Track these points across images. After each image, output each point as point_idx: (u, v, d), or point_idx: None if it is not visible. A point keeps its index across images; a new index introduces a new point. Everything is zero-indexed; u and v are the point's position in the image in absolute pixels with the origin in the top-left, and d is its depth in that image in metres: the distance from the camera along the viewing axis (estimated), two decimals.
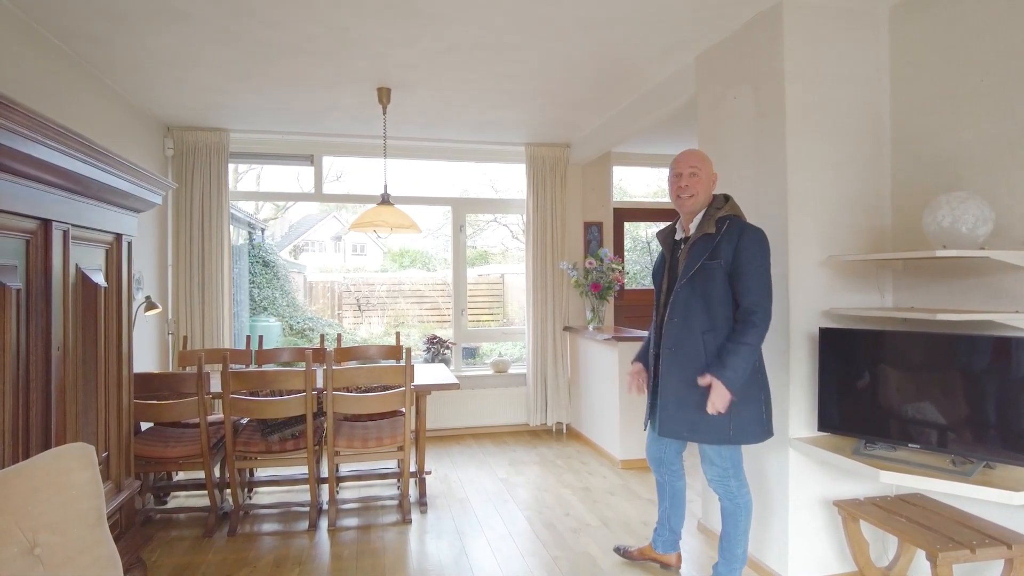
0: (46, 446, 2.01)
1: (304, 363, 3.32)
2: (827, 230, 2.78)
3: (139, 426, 3.57)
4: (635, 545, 3.10)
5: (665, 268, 2.69)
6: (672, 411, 2.53)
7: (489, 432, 5.53)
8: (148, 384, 3.28)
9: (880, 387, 2.48)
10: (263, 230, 9.85)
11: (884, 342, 2.51)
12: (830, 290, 2.78)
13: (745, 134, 3.03)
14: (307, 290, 10.03)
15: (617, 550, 3.09)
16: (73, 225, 2.22)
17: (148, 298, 3.93)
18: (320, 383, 3.45)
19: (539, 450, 4.97)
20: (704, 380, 2.39)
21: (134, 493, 2.77)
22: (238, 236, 8.50)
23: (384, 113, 3.97)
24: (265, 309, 8.93)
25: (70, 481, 1.50)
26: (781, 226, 2.77)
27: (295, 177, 11.78)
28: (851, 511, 2.49)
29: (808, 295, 2.75)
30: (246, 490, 3.86)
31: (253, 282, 8.81)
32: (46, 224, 2.04)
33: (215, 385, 3.45)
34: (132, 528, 2.77)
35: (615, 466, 4.54)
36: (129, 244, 2.80)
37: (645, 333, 4.71)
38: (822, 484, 2.75)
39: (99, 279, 2.48)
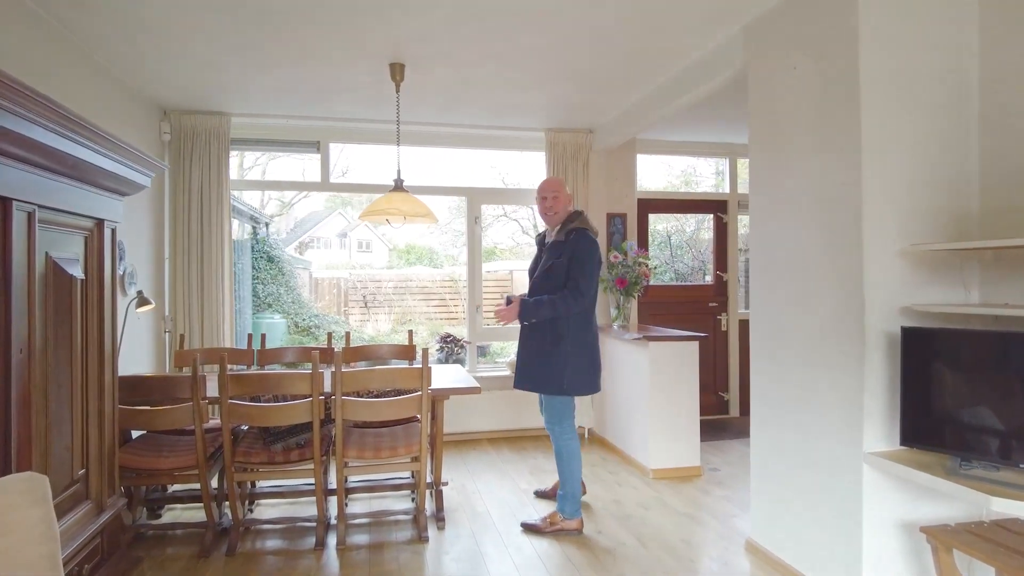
0: (5, 468, 1.69)
1: (310, 364, 3.00)
2: (906, 216, 2.43)
3: (129, 434, 3.25)
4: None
5: (536, 263, 3.43)
6: (522, 370, 3.30)
7: (507, 436, 5.20)
8: (137, 388, 2.96)
9: (980, 396, 2.14)
10: (267, 224, 9.56)
11: (985, 344, 2.17)
12: (908, 284, 2.43)
13: (806, 109, 2.69)
14: (313, 286, 9.82)
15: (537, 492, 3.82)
16: (40, 206, 1.89)
17: (140, 293, 3.61)
18: (328, 387, 3.12)
19: None
20: (514, 299, 3.21)
21: (119, 512, 2.46)
22: (242, 231, 8.23)
23: (397, 92, 3.63)
24: (270, 306, 8.67)
25: (13, 522, 1.17)
26: (853, 212, 2.43)
27: (300, 173, 11.48)
28: (944, 539, 2.15)
29: (884, 290, 2.41)
30: (247, 503, 3.54)
31: (257, 278, 8.56)
32: (3, 203, 1.71)
33: (212, 389, 3.13)
34: (117, 552, 2.46)
35: (645, 476, 4.21)
36: (113, 232, 2.48)
37: (678, 332, 4.38)
38: (901, 506, 2.40)
39: (75, 270, 2.16)
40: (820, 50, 2.60)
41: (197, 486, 3.11)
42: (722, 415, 5.89)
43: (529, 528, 3.32)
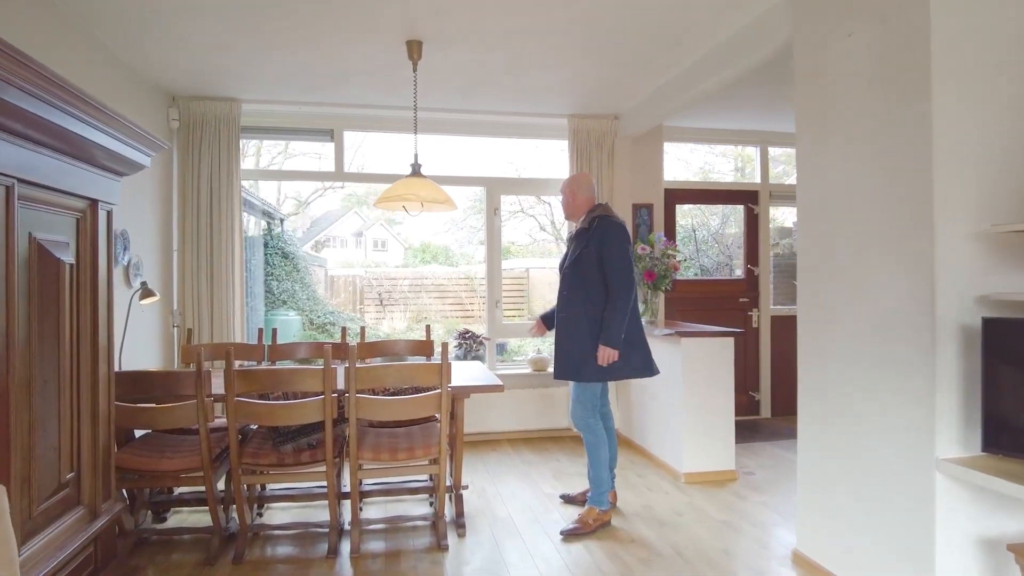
0: None
1: (323, 360, 2.80)
2: (983, 194, 2.17)
3: (131, 433, 3.07)
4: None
5: (564, 253, 3.42)
6: (564, 358, 3.23)
7: (527, 437, 4.98)
8: (139, 384, 2.77)
9: None
10: (282, 220, 9.44)
11: None
12: (985, 271, 2.17)
13: (864, 80, 2.43)
14: (328, 284, 9.73)
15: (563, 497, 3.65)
16: (21, 180, 1.70)
17: (144, 284, 3.44)
18: (341, 384, 2.92)
19: (585, 459, 4.39)
20: (602, 354, 3.09)
21: (116, 518, 2.27)
22: (256, 226, 8.11)
23: (414, 71, 3.42)
24: (284, 303, 8.55)
25: None
26: (922, 191, 2.17)
27: (317, 168, 11.33)
28: None
29: (958, 277, 2.15)
30: (255, 507, 3.35)
31: (272, 274, 8.46)
32: None
33: (219, 385, 2.93)
34: (114, 560, 2.27)
35: (677, 480, 3.96)
36: (109, 215, 2.29)
37: (713, 328, 4.13)
38: (981, 519, 2.14)
39: (65, 255, 1.97)
40: (881, 13, 2.34)
41: (204, 488, 2.92)
42: (753, 415, 5.62)
43: (572, 534, 3.13)
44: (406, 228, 15.53)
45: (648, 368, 3.27)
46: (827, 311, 2.68)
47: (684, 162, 8.08)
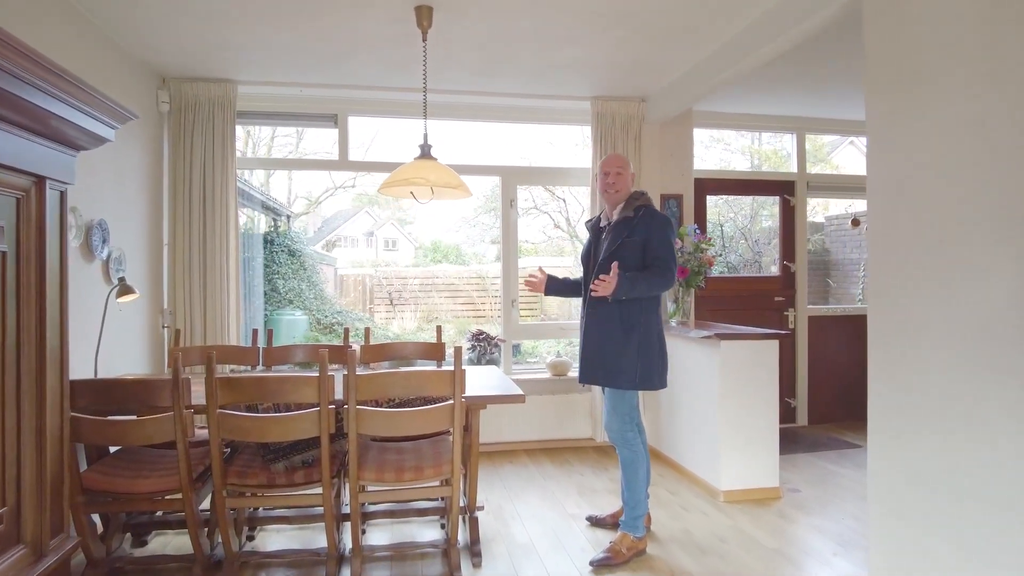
0: None
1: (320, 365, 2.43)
2: None
3: (106, 448, 2.72)
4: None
5: (591, 250, 3.05)
6: (591, 360, 2.93)
7: (547, 448, 4.59)
8: (109, 394, 2.41)
9: None
10: (289, 217, 9.15)
11: None
12: None
13: (960, 34, 2.03)
14: (338, 283, 9.47)
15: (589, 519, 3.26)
16: None
17: (122, 280, 3.09)
18: (340, 393, 2.55)
19: (612, 474, 4.01)
20: (612, 271, 2.72)
21: (67, 556, 1.91)
22: (257, 222, 7.82)
23: (424, 41, 3.05)
24: (291, 302, 8.27)
25: None
26: None
27: (327, 171, 11.01)
28: None
29: None
30: (245, 529, 2.99)
31: (278, 272, 8.19)
32: None
33: (201, 395, 2.57)
34: None
35: (715, 499, 3.56)
36: (62, 195, 1.93)
37: (753, 329, 3.73)
38: None
39: None
40: None
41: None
42: (789, 423, 5.20)
43: (602, 564, 2.76)
44: (417, 227, 15.32)
45: (664, 381, 2.98)
46: (906, 314, 2.28)
47: (699, 158, 7.69)
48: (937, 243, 2.13)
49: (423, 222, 14.89)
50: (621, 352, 2.82)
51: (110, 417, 2.36)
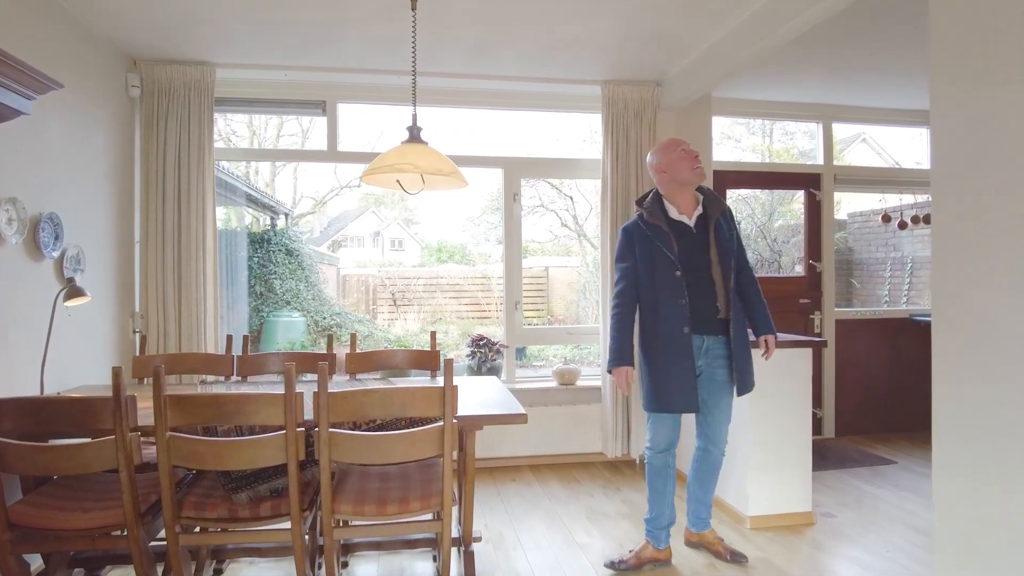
0: None
1: (312, 376, 2.08)
2: None
3: (45, 478, 2.37)
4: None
5: (674, 249, 2.64)
6: (744, 373, 2.75)
7: (552, 464, 4.22)
8: (41, 415, 2.07)
9: None
10: (287, 215, 8.85)
11: None
12: None
13: None
14: (340, 283, 9.17)
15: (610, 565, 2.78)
16: None
17: (71, 281, 2.74)
18: (310, 413, 2.20)
19: (624, 494, 3.65)
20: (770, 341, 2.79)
21: None
22: (245, 217, 7.53)
23: (413, 9, 2.69)
24: (288, 303, 7.97)
25: None
26: None
27: (332, 169, 10.71)
28: None
29: None
30: (212, 563, 2.64)
31: (275, 272, 7.90)
32: None
33: (149, 415, 2.22)
34: None
35: (740, 524, 3.19)
36: None
37: (783, 336, 3.35)
38: None
39: None
40: None
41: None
42: (815, 435, 4.79)
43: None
44: (424, 227, 15.13)
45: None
46: (979, 318, 1.91)
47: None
48: (1019, 238, 1.75)
49: (429, 222, 14.66)
50: (749, 356, 2.82)
51: (40, 443, 2.02)
